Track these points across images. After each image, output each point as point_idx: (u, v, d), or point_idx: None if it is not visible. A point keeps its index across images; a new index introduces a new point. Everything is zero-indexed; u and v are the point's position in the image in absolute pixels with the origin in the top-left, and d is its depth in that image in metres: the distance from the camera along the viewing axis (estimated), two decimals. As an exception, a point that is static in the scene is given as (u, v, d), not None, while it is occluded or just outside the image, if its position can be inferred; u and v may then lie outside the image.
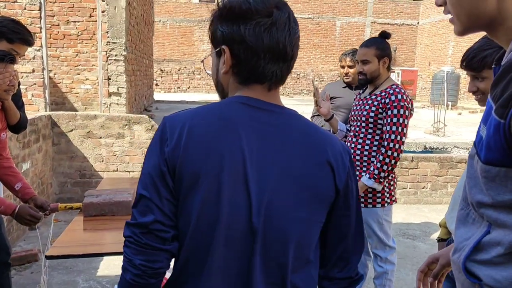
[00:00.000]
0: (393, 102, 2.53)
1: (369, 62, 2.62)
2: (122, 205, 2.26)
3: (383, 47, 2.64)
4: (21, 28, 2.40)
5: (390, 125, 2.52)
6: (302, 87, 25.04)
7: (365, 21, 26.25)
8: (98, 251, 1.89)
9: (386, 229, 2.74)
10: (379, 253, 2.76)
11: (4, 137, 2.38)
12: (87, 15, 7.70)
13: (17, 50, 2.38)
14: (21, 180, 2.38)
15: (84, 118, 5.10)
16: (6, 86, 2.13)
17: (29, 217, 2.16)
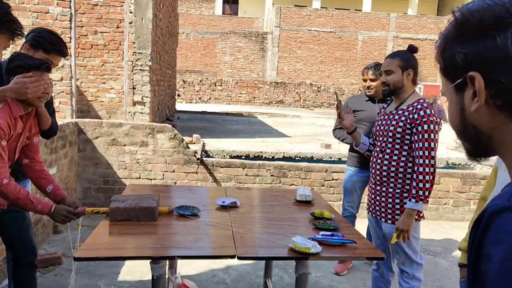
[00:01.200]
0: (422, 118, 2.52)
1: (393, 72, 2.63)
2: (147, 211, 2.31)
3: (407, 59, 2.64)
4: (57, 40, 2.51)
5: (422, 141, 2.51)
6: (322, 100, 24.97)
7: (387, 36, 26.17)
8: (123, 255, 1.94)
9: (414, 245, 2.72)
10: (406, 269, 2.74)
11: (37, 141, 2.48)
12: (114, 26, 7.91)
13: (52, 60, 2.48)
14: (52, 182, 2.48)
15: (109, 125, 5.22)
16: (41, 94, 2.22)
17: (64, 216, 2.27)
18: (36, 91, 2.19)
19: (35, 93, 2.19)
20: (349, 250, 2.06)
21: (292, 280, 3.69)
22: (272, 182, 5.50)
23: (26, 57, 2.24)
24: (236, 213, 2.57)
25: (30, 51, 2.45)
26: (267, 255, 1.97)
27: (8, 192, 2.10)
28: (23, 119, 2.27)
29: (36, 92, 2.19)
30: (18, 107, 2.19)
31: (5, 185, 2.09)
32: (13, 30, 1.94)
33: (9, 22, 1.90)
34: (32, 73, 2.15)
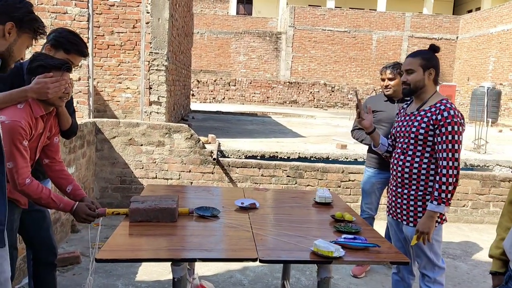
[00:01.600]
0: (446, 119, 2.47)
1: (414, 72, 2.58)
2: (167, 212, 2.30)
3: (429, 58, 2.59)
4: (78, 40, 2.52)
5: (446, 143, 2.46)
6: (336, 99, 24.86)
7: (402, 35, 25.93)
8: (143, 257, 1.92)
9: (436, 249, 2.67)
10: (428, 273, 2.68)
11: (57, 141, 2.49)
12: (130, 26, 7.95)
13: (72, 60, 2.49)
14: (72, 182, 2.49)
15: (127, 125, 5.24)
16: (62, 93, 2.23)
17: (85, 215, 2.28)
18: (57, 91, 2.20)
19: (56, 93, 2.20)
20: (372, 254, 2.02)
21: (310, 283, 3.66)
22: (288, 182, 5.47)
23: (47, 57, 2.25)
24: (255, 214, 2.55)
25: (51, 51, 2.46)
26: (289, 259, 1.94)
27: (31, 191, 2.12)
28: (43, 119, 2.28)
29: (57, 92, 2.20)
30: (39, 107, 2.20)
31: (27, 185, 2.10)
32: (35, 29, 1.90)
33: (32, 21, 1.86)
34: (53, 73, 2.16)
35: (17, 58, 1.82)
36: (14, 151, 2.06)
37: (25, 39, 1.85)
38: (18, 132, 2.06)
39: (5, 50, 1.74)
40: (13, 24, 1.75)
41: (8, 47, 1.75)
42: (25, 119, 2.12)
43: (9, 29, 1.73)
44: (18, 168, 2.08)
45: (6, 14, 1.74)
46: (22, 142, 2.09)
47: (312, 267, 3.78)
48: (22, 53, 1.85)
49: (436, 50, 2.65)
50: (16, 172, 2.08)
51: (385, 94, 3.78)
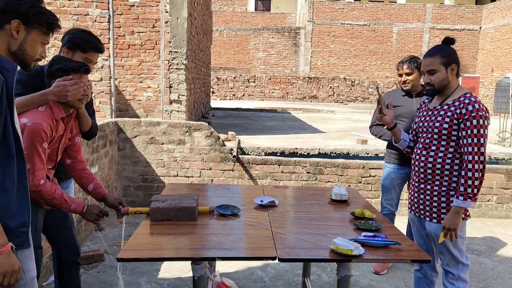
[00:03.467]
0: (471, 113, 2.42)
1: (436, 72, 2.53)
2: (187, 211, 2.33)
3: (448, 54, 2.54)
4: (91, 37, 2.56)
5: (472, 137, 2.41)
6: (356, 94, 24.62)
7: (423, 27, 25.47)
8: (164, 256, 1.95)
9: (460, 245, 2.62)
10: (452, 270, 2.64)
11: (79, 142, 2.54)
12: (150, 26, 8.03)
13: (90, 58, 2.55)
14: (93, 181, 2.54)
15: (147, 124, 5.31)
16: (81, 95, 2.28)
17: (96, 215, 2.33)
18: (76, 93, 2.25)
19: (75, 95, 2.25)
20: (393, 252, 2.01)
21: (331, 279, 3.65)
22: (308, 179, 5.46)
23: (66, 60, 2.30)
24: (274, 212, 2.56)
25: (69, 54, 2.50)
26: (308, 257, 1.95)
27: (44, 192, 2.17)
28: (64, 121, 2.33)
29: (76, 94, 2.25)
30: (59, 109, 2.25)
31: (42, 186, 2.15)
32: (45, 23, 1.77)
33: (38, 15, 1.73)
34: (72, 75, 2.21)
35: (34, 56, 1.75)
36: (33, 153, 2.11)
37: (37, 35, 1.75)
38: (39, 134, 2.11)
39: (17, 49, 1.68)
40: (19, 21, 1.67)
41: (20, 46, 1.68)
42: (46, 122, 2.17)
43: (16, 27, 1.66)
44: (35, 169, 2.11)
45: (10, 12, 1.66)
46: (42, 144, 2.14)
47: (333, 264, 3.77)
48: (37, 51, 1.76)
49: (452, 42, 2.59)
50: (32, 174, 2.11)
51: (403, 89, 3.74)
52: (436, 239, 2.63)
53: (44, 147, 2.17)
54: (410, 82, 3.65)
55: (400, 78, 3.71)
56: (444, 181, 2.56)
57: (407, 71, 3.63)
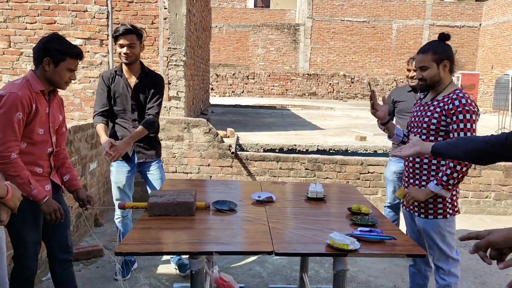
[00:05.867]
0: (458, 107, 2.44)
1: (427, 68, 2.55)
2: (185, 206, 2.35)
3: (441, 50, 2.55)
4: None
5: (458, 131, 2.43)
6: (356, 91, 24.60)
7: (423, 24, 25.44)
8: (161, 250, 1.97)
9: (448, 240, 2.64)
10: (442, 265, 2.66)
11: (65, 130, 2.56)
12: (149, 23, 8.02)
13: None
14: (71, 172, 2.57)
15: (145, 121, 5.32)
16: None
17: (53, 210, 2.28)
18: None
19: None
20: (388, 246, 2.02)
21: (328, 275, 3.67)
22: (307, 175, 5.48)
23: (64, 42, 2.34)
24: (272, 208, 2.58)
25: None
26: (304, 252, 1.96)
27: (13, 166, 2.11)
28: (45, 97, 2.33)
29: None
30: (37, 82, 2.28)
31: (12, 159, 2.11)
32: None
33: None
34: (68, 60, 2.30)
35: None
36: (4, 123, 2.09)
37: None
38: (14, 103, 2.10)
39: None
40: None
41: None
42: (24, 92, 2.17)
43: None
44: (5, 140, 2.08)
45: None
46: (16, 114, 2.11)
47: (331, 260, 3.78)
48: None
49: (447, 38, 2.59)
50: (3, 144, 2.08)
51: (410, 84, 3.78)
52: (424, 234, 2.66)
53: (18, 117, 2.13)
54: None
55: (409, 73, 3.76)
56: (431, 176, 2.58)
57: None
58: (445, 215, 2.57)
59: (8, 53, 5.85)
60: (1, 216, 1.45)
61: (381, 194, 5.58)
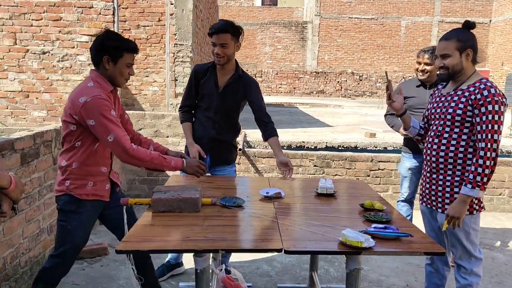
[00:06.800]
0: (486, 98, 2.30)
1: (449, 56, 2.42)
2: (190, 202, 2.26)
3: (465, 38, 2.41)
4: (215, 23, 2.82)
5: (486, 123, 2.29)
6: (364, 88, 24.39)
7: (432, 21, 25.15)
8: (165, 248, 1.87)
9: (473, 238, 2.52)
10: (464, 264, 2.53)
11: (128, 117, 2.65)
12: (155, 20, 7.96)
13: None
14: (151, 142, 2.70)
15: (152, 117, 5.24)
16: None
17: (196, 168, 2.50)
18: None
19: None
20: (405, 244, 1.91)
21: (339, 274, 3.56)
22: (315, 172, 5.37)
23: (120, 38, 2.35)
24: (280, 204, 2.48)
25: None
26: (316, 249, 1.86)
27: (141, 155, 2.26)
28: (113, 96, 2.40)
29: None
30: (106, 83, 2.33)
31: (137, 150, 2.25)
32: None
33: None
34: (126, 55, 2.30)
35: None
36: (107, 123, 2.17)
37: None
38: (103, 103, 2.18)
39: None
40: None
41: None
42: (103, 92, 2.25)
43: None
44: (119, 136, 2.19)
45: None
46: (110, 112, 2.20)
47: (341, 258, 3.68)
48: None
49: (471, 26, 2.46)
50: (120, 140, 2.19)
51: (419, 78, 3.65)
52: (448, 231, 2.53)
53: (113, 115, 2.23)
54: (428, 72, 3.57)
55: (419, 66, 3.62)
56: (457, 170, 2.45)
57: (427, 61, 3.54)
58: (471, 211, 2.45)
59: (14, 51, 5.80)
60: (3, 207, 1.40)
61: (392, 191, 5.45)
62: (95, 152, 2.31)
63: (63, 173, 2.34)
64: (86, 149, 2.30)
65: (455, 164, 2.46)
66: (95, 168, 2.35)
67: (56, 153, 3.38)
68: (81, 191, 2.33)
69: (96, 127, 2.17)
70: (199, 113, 3.17)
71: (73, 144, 2.29)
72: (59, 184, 2.35)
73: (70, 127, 2.26)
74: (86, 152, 2.30)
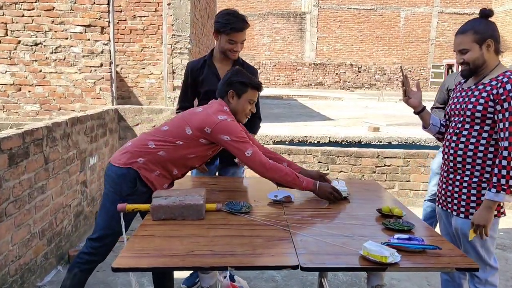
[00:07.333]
0: (509, 92, 2.09)
1: (468, 51, 2.22)
2: (193, 209, 2.06)
3: (482, 29, 2.20)
4: (232, 18, 2.78)
5: (509, 120, 2.09)
6: (363, 80, 24.21)
7: (431, 11, 24.90)
8: (168, 265, 1.66)
9: (488, 245, 2.33)
10: (478, 273, 2.34)
11: None
12: (152, 10, 7.71)
13: (233, 39, 2.82)
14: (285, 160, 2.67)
15: (149, 112, 5.02)
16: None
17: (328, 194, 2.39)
18: None
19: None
20: (433, 257, 1.72)
21: (348, 278, 3.39)
22: (320, 169, 5.18)
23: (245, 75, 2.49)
24: (291, 209, 2.28)
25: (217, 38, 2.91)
26: (335, 265, 1.67)
27: (277, 168, 2.32)
28: None
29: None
30: None
31: (272, 164, 2.32)
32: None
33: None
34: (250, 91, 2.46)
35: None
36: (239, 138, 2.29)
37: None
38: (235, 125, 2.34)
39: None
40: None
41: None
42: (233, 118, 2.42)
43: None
44: (254, 152, 2.29)
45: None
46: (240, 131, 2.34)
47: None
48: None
49: (489, 14, 2.25)
50: (257, 155, 2.29)
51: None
52: (462, 237, 2.34)
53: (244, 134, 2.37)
54: None
55: None
56: (476, 171, 2.26)
57: None
58: None
59: (5, 42, 5.55)
60: None
61: (398, 188, 5.27)
62: (184, 157, 2.37)
63: (140, 151, 2.33)
64: (182, 150, 2.34)
65: (473, 164, 2.26)
66: (172, 166, 2.38)
67: (48, 152, 3.18)
68: (145, 173, 2.32)
69: (232, 143, 2.29)
70: None
71: (175, 140, 2.33)
72: (129, 158, 2.33)
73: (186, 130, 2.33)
74: (179, 153, 2.34)
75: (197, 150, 2.37)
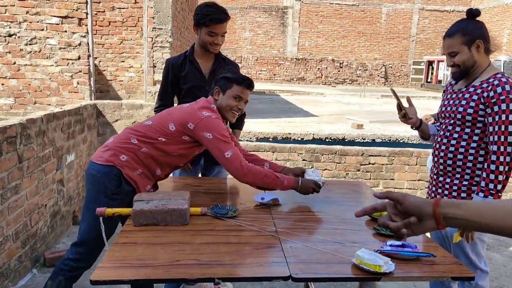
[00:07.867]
0: (500, 95, 2.06)
1: (457, 53, 2.17)
2: (177, 214, 1.95)
3: (470, 30, 2.16)
4: (211, 9, 2.69)
5: (499, 124, 2.05)
6: (345, 76, 24.28)
7: (412, 8, 25.12)
8: (151, 277, 1.56)
9: (479, 249, 2.30)
10: None
11: None
12: (132, 2, 7.51)
13: (213, 31, 2.72)
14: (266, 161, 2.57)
15: (129, 107, 4.87)
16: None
17: (311, 189, 2.32)
18: None
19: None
20: (426, 265, 1.66)
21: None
22: (304, 167, 5.11)
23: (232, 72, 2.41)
24: (279, 212, 2.20)
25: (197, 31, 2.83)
26: (328, 275, 1.58)
27: (256, 172, 2.20)
28: None
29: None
30: None
31: (250, 167, 2.20)
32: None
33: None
34: (235, 87, 2.35)
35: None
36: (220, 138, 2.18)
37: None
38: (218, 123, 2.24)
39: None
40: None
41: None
42: None
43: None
44: (234, 153, 2.19)
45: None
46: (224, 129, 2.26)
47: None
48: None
49: (476, 14, 2.21)
50: (236, 158, 2.18)
51: None
52: (451, 240, 2.31)
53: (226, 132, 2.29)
54: None
55: None
56: (466, 174, 2.22)
57: None
58: None
59: (-22, 33, 5.31)
60: None
61: (382, 186, 5.25)
62: (167, 155, 2.28)
63: (122, 148, 2.23)
64: (164, 147, 2.25)
65: (464, 168, 2.23)
66: (155, 165, 2.29)
67: (22, 150, 3.02)
68: (128, 172, 2.22)
69: (213, 141, 2.19)
70: None
71: (158, 137, 2.24)
72: (111, 155, 2.22)
73: (169, 126, 2.24)
74: (162, 150, 2.26)
75: (179, 148, 2.28)
